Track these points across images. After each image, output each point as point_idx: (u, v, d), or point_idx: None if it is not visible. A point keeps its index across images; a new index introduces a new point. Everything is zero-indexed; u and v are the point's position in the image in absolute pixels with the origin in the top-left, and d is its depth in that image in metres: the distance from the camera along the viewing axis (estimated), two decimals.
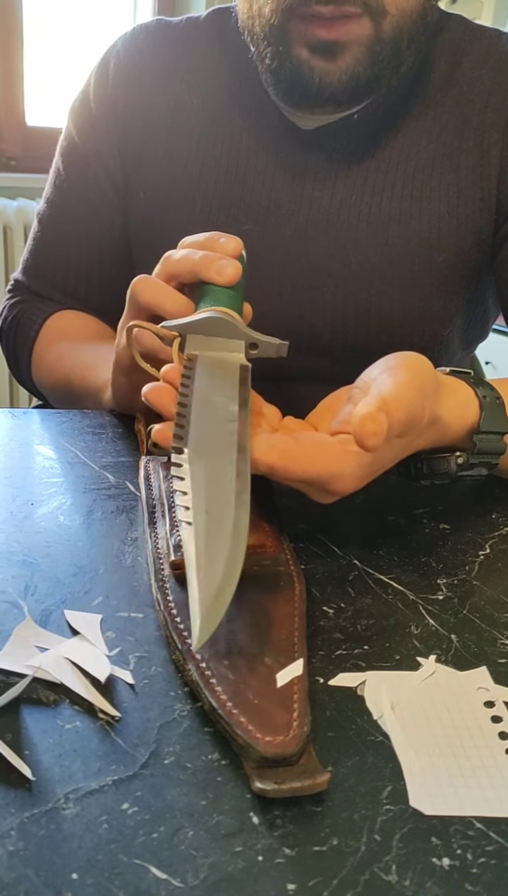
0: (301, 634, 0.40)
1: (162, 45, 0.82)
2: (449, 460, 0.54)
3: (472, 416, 0.54)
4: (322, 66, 0.68)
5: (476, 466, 0.54)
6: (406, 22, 0.68)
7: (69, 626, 0.41)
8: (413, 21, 0.68)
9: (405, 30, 0.68)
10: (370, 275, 0.76)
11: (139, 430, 0.62)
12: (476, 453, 0.54)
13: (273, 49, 0.69)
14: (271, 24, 0.68)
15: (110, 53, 0.83)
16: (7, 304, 0.89)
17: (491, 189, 0.75)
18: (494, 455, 0.54)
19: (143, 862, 0.29)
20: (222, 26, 0.80)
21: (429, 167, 0.75)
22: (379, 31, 0.67)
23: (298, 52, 0.68)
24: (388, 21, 0.67)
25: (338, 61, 0.67)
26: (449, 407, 0.52)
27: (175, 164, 0.80)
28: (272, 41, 0.68)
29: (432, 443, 0.52)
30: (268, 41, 0.69)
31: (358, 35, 0.66)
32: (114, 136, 0.82)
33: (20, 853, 0.29)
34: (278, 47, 0.68)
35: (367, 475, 0.47)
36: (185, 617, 0.40)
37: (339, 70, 0.68)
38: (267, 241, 0.77)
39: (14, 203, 2.21)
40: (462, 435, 0.53)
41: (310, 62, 0.68)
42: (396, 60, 0.69)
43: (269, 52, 0.69)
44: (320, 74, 0.68)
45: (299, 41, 0.67)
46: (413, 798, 0.33)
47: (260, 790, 0.31)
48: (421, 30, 0.70)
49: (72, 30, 2.33)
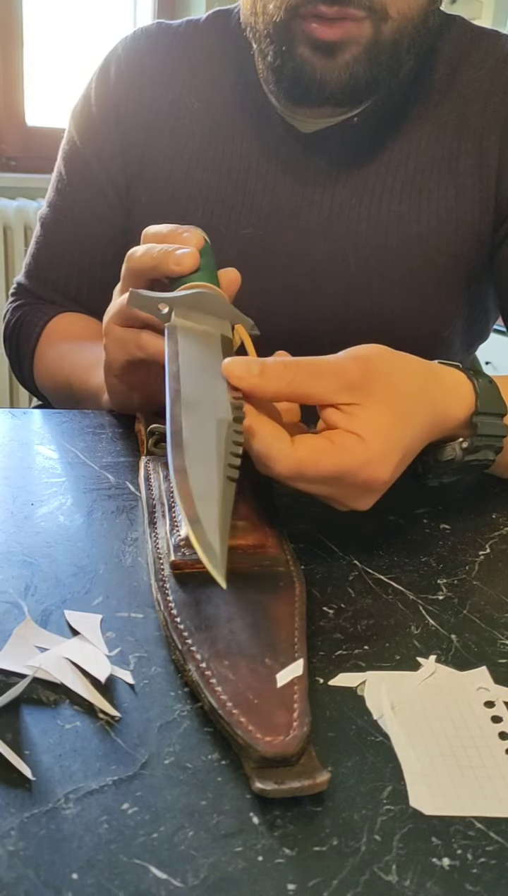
0: (301, 634, 0.40)
1: (163, 49, 0.82)
2: (454, 447, 0.54)
3: (468, 398, 0.53)
4: (323, 64, 0.68)
5: (482, 449, 0.54)
6: (408, 26, 0.68)
7: (69, 627, 0.41)
8: (415, 26, 0.69)
9: (406, 34, 0.68)
10: (370, 277, 0.76)
11: (139, 430, 0.62)
12: (478, 435, 0.54)
13: (276, 47, 0.69)
14: (275, 22, 0.68)
15: (111, 57, 0.83)
16: (10, 307, 0.90)
17: (490, 190, 0.75)
18: (497, 438, 0.54)
19: (143, 862, 0.29)
20: (223, 29, 0.80)
21: (428, 169, 0.75)
22: (378, 34, 0.67)
23: (300, 51, 0.68)
24: (389, 25, 0.67)
25: (337, 59, 0.68)
26: (446, 389, 0.52)
27: (176, 167, 0.80)
28: (275, 39, 0.69)
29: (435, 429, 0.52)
30: (271, 39, 0.69)
31: (356, 35, 0.66)
32: (116, 140, 0.82)
33: (20, 853, 0.29)
34: (280, 46, 0.69)
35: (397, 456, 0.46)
36: (185, 617, 0.40)
37: (338, 67, 0.68)
38: (268, 244, 0.77)
39: (14, 203, 2.21)
40: (462, 419, 0.53)
41: (311, 61, 0.68)
42: (395, 64, 0.69)
43: (271, 50, 0.69)
44: (320, 72, 0.68)
45: (302, 40, 0.67)
46: (413, 798, 0.33)
47: (260, 790, 0.31)
48: (422, 34, 0.70)
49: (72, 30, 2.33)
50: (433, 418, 0.51)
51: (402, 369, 0.49)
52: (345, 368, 0.46)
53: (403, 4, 0.66)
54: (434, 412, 0.51)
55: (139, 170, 0.82)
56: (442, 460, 0.54)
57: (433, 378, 0.52)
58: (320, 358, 0.46)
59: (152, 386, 0.62)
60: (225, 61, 0.80)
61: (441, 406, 0.51)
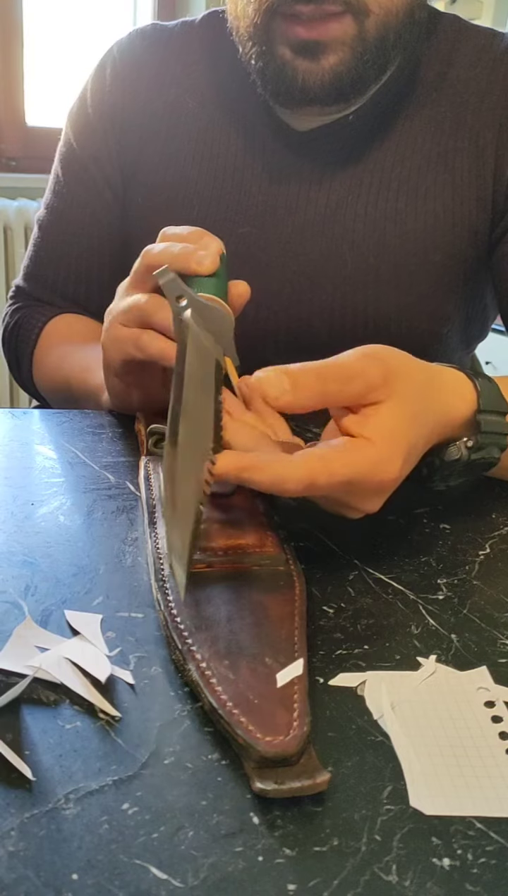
0: (301, 634, 0.40)
1: (158, 50, 0.82)
2: (459, 446, 0.54)
3: (470, 396, 0.53)
4: (305, 66, 0.67)
5: (487, 446, 0.54)
6: (392, 21, 0.67)
7: (69, 627, 0.41)
8: (400, 20, 0.68)
9: (391, 29, 0.68)
10: (367, 275, 0.76)
11: (139, 430, 0.62)
12: (482, 433, 0.53)
13: (258, 49, 0.69)
14: (255, 24, 0.68)
15: (107, 59, 0.83)
16: (9, 309, 0.90)
17: (487, 188, 0.75)
18: (501, 435, 0.54)
19: (143, 862, 0.29)
20: (217, 29, 0.80)
21: (424, 167, 0.75)
22: (363, 30, 0.66)
23: (281, 52, 0.68)
24: (372, 20, 0.66)
25: (321, 62, 0.67)
26: (448, 390, 0.52)
27: (172, 167, 0.80)
28: (257, 41, 0.68)
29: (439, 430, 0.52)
30: (253, 41, 0.69)
31: (340, 34, 0.66)
32: (112, 141, 0.82)
33: (20, 853, 0.29)
34: (261, 47, 0.68)
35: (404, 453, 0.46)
36: (185, 617, 0.40)
37: (322, 70, 0.67)
38: (264, 243, 0.77)
39: (14, 203, 2.21)
40: (465, 419, 0.53)
41: (293, 62, 0.68)
42: (382, 60, 0.69)
43: (254, 52, 0.69)
44: (303, 75, 0.68)
45: (282, 41, 0.67)
46: (414, 798, 0.33)
47: (260, 790, 0.31)
48: (409, 28, 0.69)
49: (72, 30, 2.33)
50: (438, 417, 0.51)
51: (413, 369, 0.49)
52: (367, 370, 0.46)
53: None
54: (439, 411, 0.51)
55: (135, 170, 0.82)
56: (448, 460, 0.54)
57: (436, 378, 0.52)
58: (342, 362, 0.46)
59: (152, 386, 0.62)
60: (220, 61, 0.80)
61: (445, 406, 0.51)
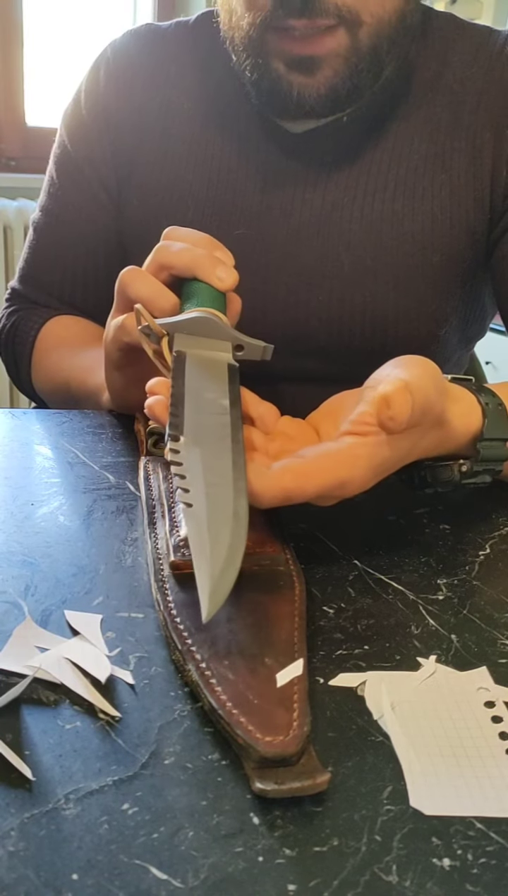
0: (301, 634, 0.40)
1: (152, 50, 0.82)
2: (453, 468, 0.53)
3: (476, 423, 0.53)
4: (301, 81, 0.67)
5: (480, 474, 0.54)
6: (385, 29, 0.67)
7: (69, 627, 0.41)
8: (392, 27, 0.68)
9: (384, 37, 0.67)
10: (364, 276, 0.76)
11: (139, 430, 0.62)
12: (479, 461, 0.53)
13: (252, 61, 0.69)
14: (250, 37, 0.67)
15: (101, 60, 0.83)
16: (5, 313, 0.90)
17: (484, 188, 0.74)
18: (497, 462, 0.54)
19: (143, 862, 0.29)
20: (212, 29, 0.80)
21: (421, 167, 0.75)
22: (356, 41, 0.66)
23: (276, 66, 0.68)
24: (365, 30, 0.66)
25: (317, 76, 0.67)
26: (455, 413, 0.52)
27: (167, 168, 0.80)
28: (251, 53, 0.68)
29: (436, 447, 0.52)
30: (247, 53, 0.69)
31: (335, 48, 0.66)
32: (106, 143, 0.82)
33: (20, 853, 0.29)
34: (256, 59, 0.68)
35: (374, 476, 0.47)
36: (185, 617, 0.40)
37: (317, 84, 0.67)
38: (260, 245, 0.77)
39: (14, 203, 2.21)
40: (465, 442, 0.53)
41: (288, 77, 0.68)
42: (376, 68, 0.69)
43: (249, 64, 0.69)
44: (298, 89, 0.68)
45: (277, 55, 0.67)
46: (414, 798, 0.33)
47: (260, 790, 0.31)
48: (401, 34, 0.69)
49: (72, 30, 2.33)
50: (439, 438, 0.51)
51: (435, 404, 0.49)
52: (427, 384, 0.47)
53: (376, 7, 0.65)
54: (441, 432, 0.51)
55: (130, 171, 0.82)
56: (440, 480, 0.54)
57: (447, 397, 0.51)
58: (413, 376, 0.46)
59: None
60: (214, 62, 0.79)
61: (450, 427, 0.51)
